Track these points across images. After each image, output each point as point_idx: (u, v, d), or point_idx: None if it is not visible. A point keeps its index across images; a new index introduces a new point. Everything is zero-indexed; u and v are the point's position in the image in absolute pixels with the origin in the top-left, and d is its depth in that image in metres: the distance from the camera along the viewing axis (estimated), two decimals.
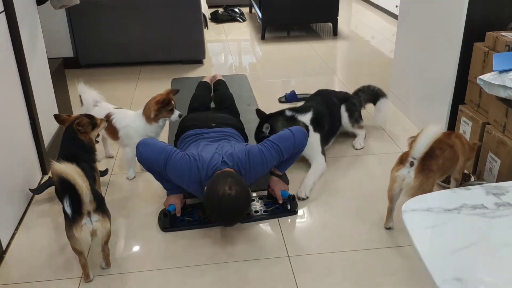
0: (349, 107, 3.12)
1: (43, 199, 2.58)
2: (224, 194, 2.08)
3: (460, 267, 1.00)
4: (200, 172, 2.25)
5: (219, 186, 2.12)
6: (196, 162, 2.27)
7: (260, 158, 2.32)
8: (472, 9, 2.65)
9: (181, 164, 2.26)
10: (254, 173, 2.34)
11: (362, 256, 2.14)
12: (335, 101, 3.11)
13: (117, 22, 4.40)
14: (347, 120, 3.09)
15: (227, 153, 2.31)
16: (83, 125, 2.31)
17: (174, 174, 2.29)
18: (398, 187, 2.15)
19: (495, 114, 2.44)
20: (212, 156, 2.29)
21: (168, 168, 2.27)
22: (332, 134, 3.04)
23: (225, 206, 2.10)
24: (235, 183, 2.13)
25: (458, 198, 1.21)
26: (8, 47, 2.45)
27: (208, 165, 2.25)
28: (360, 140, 3.10)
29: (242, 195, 2.13)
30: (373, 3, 7.02)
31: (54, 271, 2.09)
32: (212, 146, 2.40)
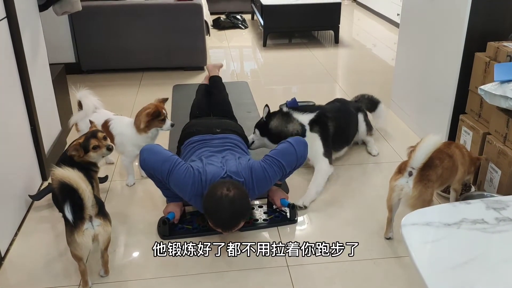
0: (365, 117, 3.16)
1: (42, 205, 2.58)
2: (222, 195, 2.08)
3: (459, 283, 1.00)
4: (203, 186, 2.22)
5: (217, 188, 2.11)
6: (200, 175, 2.24)
7: (263, 175, 2.29)
8: (473, 19, 2.65)
9: (184, 177, 2.23)
10: (258, 190, 2.32)
11: (361, 266, 2.13)
12: (352, 110, 3.11)
13: (119, 28, 4.41)
14: (365, 129, 3.11)
15: (231, 170, 2.28)
16: (76, 150, 2.28)
17: (177, 186, 2.26)
18: (396, 196, 2.15)
19: (496, 124, 2.43)
20: (216, 171, 2.26)
21: (171, 179, 2.24)
22: (345, 142, 2.98)
23: (223, 207, 2.08)
24: (234, 186, 2.12)
25: (458, 213, 1.21)
26: (10, 53, 2.46)
27: (211, 181, 2.22)
28: (374, 146, 3.13)
29: (240, 197, 2.12)
30: (375, 11, 7.03)
31: (53, 278, 2.09)
32: (217, 159, 2.37)
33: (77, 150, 2.28)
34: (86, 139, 2.31)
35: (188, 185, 2.22)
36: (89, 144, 2.30)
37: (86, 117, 2.71)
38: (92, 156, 2.33)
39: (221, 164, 2.31)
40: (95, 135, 2.33)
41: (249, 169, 2.29)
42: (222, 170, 2.26)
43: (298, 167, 2.45)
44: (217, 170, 2.26)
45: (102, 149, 2.34)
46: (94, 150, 2.31)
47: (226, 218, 2.13)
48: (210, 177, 2.23)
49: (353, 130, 3.06)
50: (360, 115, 3.13)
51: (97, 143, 2.32)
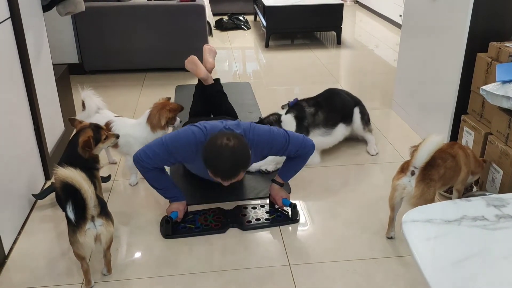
0: (362, 110, 3.18)
1: (45, 204, 2.59)
2: (222, 143, 2.07)
3: (460, 279, 1.00)
4: (205, 135, 2.21)
5: (218, 138, 2.11)
6: (199, 127, 2.25)
7: (268, 132, 2.29)
8: (475, 19, 2.65)
9: (180, 133, 2.25)
10: (259, 149, 2.30)
11: (363, 265, 2.14)
12: (342, 95, 3.16)
13: (122, 29, 4.43)
14: (359, 122, 3.12)
15: (231, 123, 2.29)
16: (89, 146, 2.29)
17: (181, 149, 2.23)
18: (399, 196, 2.15)
19: (498, 125, 2.44)
20: (216, 124, 2.28)
21: (172, 149, 2.22)
22: (336, 119, 3.01)
23: (223, 156, 2.07)
24: (234, 136, 2.12)
25: (458, 210, 1.21)
26: (14, 53, 2.47)
27: (211, 131, 2.22)
28: (373, 145, 3.13)
29: (241, 146, 2.10)
30: (377, 12, 7.03)
31: (56, 277, 2.10)
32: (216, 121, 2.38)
33: (90, 144, 2.28)
34: (96, 131, 2.33)
35: (190, 139, 2.22)
36: (100, 135, 2.34)
37: (88, 117, 2.73)
38: (100, 148, 2.36)
39: (221, 122, 2.32)
40: (99, 127, 2.37)
41: (250, 125, 2.31)
42: (222, 124, 2.29)
43: (299, 162, 2.43)
44: (217, 123, 2.28)
45: (111, 138, 2.39)
46: (104, 141, 2.35)
47: (226, 167, 2.11)
48: (209, 127, 2.24)
49: (342, 110, 3.07)
50: (356, 108, 3.15)
51: (106, 133, 2.37)
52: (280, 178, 2.51)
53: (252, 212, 2.50)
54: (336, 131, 3.02)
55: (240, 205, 2.55)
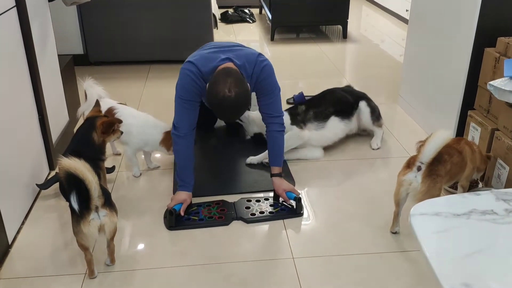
0: (370, 104, 3.16)
1: (49, 194, 2.59)
2: (224, 96, 2.14)
3: (468, 273, 0.99)
4: (202, 73, 2.32)
5: (219, 87, 2.16)
6: (189, 63, 2.36)
7: (272, 70, 2.43)
8: (483, 14, 2.63)
9: (181, 81, 2.37)
10: (264, 83, 2.42)
11: (367, 260, 2.13)
12: (339, 93, 3.19)
13: (128, 21, 4.42)
14: (368, 116, 3.11)
15: (233, 55, 2.37)
16: (110, 127, 2.32)
17: (191, 91, 2.34)
18: (404, 191, 2.14)
19: (505, 120, 2.42)
20: (211, 56, 2.37)
21: (184, 96, 2.35)
22: (327, 112, 3.03)
23: (224, 107, 2.20)
24: (235, 83, 2.17)
25: (467, 203, 1.20)
26: (19, 42, 2.46)
27: (206, 65, 2.32)
28: (377, 140, 3.12)
29: (241, 96, 2.18)
30: (383, 7, 7.00)
31: (59, 267, 2.10)
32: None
33: (113, 124, 2.34)
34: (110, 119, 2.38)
35: (189, 79, 2.33)
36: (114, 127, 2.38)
37: (90, 107, 2.72)
38: (112, 138, 2.39)
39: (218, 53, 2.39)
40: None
41: (257, 59, 2.40)
42: (222, 54, 2.37)
43: (277, 135, 2.52)
44: (213, 56, 2.36)
45: (118, 132, 2.43)
46: (114, 132, 2.39)
47: (228, 115, 2.40)
48: (200, 59, 2.35)
49: (335, 105, 3.07)
50: (362, 103, 3.13)
51: (116, 125, 2.41)
52: (275, 168, 2.50)
53: (256, 205, 2.49)
54: (330, 124, 3.00)
55: (244, 198, 2.54)
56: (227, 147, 3.12)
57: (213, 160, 2.96)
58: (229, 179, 2.77)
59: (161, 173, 2.82)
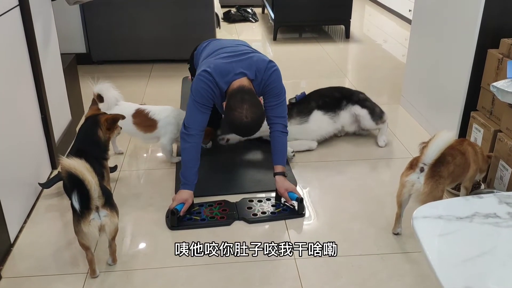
0: (365, 105, 3.11)
1: (51, 193, 2.59)
2: (242, 123, 2.32)
3: (470, 276, 0.99)
4: (213, 77, 2.43)
5: (236, 114, 2.32)
6: (205, 72, 2.43)
7: (280, 75, 2.59)
8: (487, 15, 2.62)
9: (197, 86, 2.44)
10: (271, 87, 2.54)
11: (369, 260, 2.12)
12: (326, 90, 3.24)
13: (130, 20, 4.42)
14: (369, 119, 3.08)
15: (245, 65, 2.50)
16: (113, 121, 2.34)
17: (205, 96, 2.44)
18: (407, 192, 2.13)
19: (508, 122, 2.41)
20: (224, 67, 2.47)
21: (199, 100, 2.43)
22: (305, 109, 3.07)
23: (242, 130, 2.43)
24: (251, 109, 2.32)
25: (470, 206, 1.20)
26: (22, 41, 2.46)
27: (221, 75, 2.44)
28: (383, 136, 3.12)
29: (257, 119, 2.36)
30: (386, 7, 6.98)
31: (61, 266, 2.10)
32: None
33: (117, 119, 2.37)
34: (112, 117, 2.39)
35: (205, 86, 2.43)
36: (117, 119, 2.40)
37: (108, 110, 2.70)
38: (114, 134, 2.42)
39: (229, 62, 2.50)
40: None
41: (266, 67, 2.54)
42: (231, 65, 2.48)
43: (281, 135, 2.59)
44: (226, 66, 2.47)
45: (118, 128, 2.44)
46: (116, 128, 2.42)
47: (245, 135, 2.59)
48: (215, 68, 2.44)
49: (318, 99, 3.10)
50: (355, 107, 3.08)
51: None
52: (278, 167, 2.52)
53: (258, 205, 2.49)
54: (313, 117, 3.02)
55: (246, 198, 2.54)
56: (229, 147, 3.12)
57: (215, 160, 2.96)
58: (231, 179, 2.77)
59: (163, 173, 2.83)
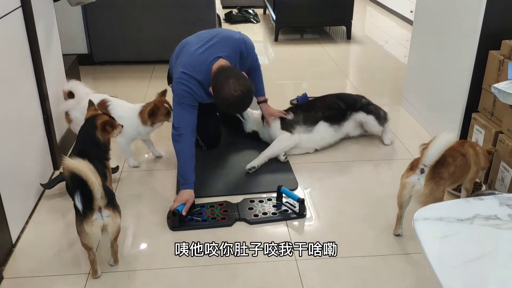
0: (369, 110, 3.14)
1: (53, 194, 2.60)
2: (233, 97, 2.35)
3: (471, 278, 0.99)
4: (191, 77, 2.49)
5: (225, 92, 2.35)
6: (181, 76, 2.49)
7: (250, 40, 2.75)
8: (488, 17, 2.62)
9: (177, 90, 2.51)
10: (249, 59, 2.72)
11: (369, 262, 2.13)
12: (332, 99, 3.21)
13: (132, 21, 4.42)
14: (376, 123, 3.12)
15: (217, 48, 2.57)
16: (110, 125, 2.34)
17: (188, 98, 2.50)
18: (407, 193, 2.14)
19: (509, 123, 2.41)
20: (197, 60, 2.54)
21: (183, 101, 2.49)
22: (317, 117, 3.05)
23: (237, 105, 2.45)
24: (237, 82, 2.35)
25: (471, 208, 1.20)
26: (24, 42, 2.47)
27: (199, 68, 2.50)
28: (387, 134, 3.17)
29: (246, 89, 2.38)
30: (388, 8, 6.99)
31: (62, 266, 2.10)
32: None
33: (112, 124, 2.36)
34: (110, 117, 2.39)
35: (184, 89, 2.48)
36: (114, 121, 2.38)
37: (78, 104, 2.72)
38: (114, 134, 2.41)
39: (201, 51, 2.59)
40: (109, 115, 2.44)
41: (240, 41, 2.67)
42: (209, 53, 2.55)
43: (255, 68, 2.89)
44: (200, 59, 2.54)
45: (119, 127, 2.44)
46: (116, 128, 2.41)
47: (242, 109, 2.76)
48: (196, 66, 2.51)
49: (325, 110, 3.08)
50: (360, 114, 3.11)
51: (116, 122, 2.43)
52: (260, 98, 2.96)
53: (259, 205, 2.49)
54: (318, 128, 3.02)
55: (247, 199, 2.55)
56: (230, 148, 3.12)
57: (216, 161, 2.97)
58: (232, 180, 2.78)
59: (164, 173, 2.83)
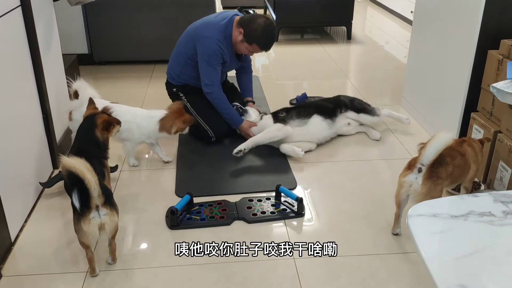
0: (355, 107, 3.28)
1: (52, 193, 2.60)
2: (267, 22, 2.93)
3: (464, 274, 0.99)
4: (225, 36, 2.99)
5: (258, 21, 2.93)
6: (210, 38, 2.99)
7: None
8: (487, 16, 2.62)
9: (207, 49, 2.99)
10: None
11: (368, 261, 2.13)
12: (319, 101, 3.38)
13: (132, 20, 4.44)
14: (368, 117, 3.26)
15: (227, 16, 3.08)
16: (110, 124, 2.34)
17: (214, 54, 2.97)
18: (405, 192, 2.14)
19: (508, 123, 2.41)
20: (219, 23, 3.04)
21: (212, 60, 3.00)
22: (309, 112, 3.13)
23: (272, 29, 3.03)
24: (263, 15, 2.97)
25: (465, 205, 1.20)
26: (24, 41, 2.48)
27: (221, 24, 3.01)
28: (400, 115, 3.35)
29: (273, 20, 2.97)
30: (388, 8, 6.99)
31: (61, 265, 2.11)
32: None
33: (111, 123, 2.35)
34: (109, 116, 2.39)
35: (214, 45, 2.98)
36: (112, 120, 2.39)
37: (81, 106, 2.73)
38: (113, 133, 2.41)
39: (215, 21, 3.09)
40: (107, 113, 2.45)
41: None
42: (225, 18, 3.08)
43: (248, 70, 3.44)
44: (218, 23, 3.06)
45: (118, 125, 2.44)
46: (115, 126, 2.41)
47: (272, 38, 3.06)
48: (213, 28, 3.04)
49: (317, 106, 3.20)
50: (350, 113, 3.24)
51: (115, 120, 2.42)
52: (249, 98, 3.33)
53: (257, 204, 2.50)
54: (312, 120, 3.07)
55: (245, 198, 2.55)
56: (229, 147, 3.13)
57: (215, 160, 2.97)
58: (231, 179, 2.78)
59: (163, 172, 2.84)
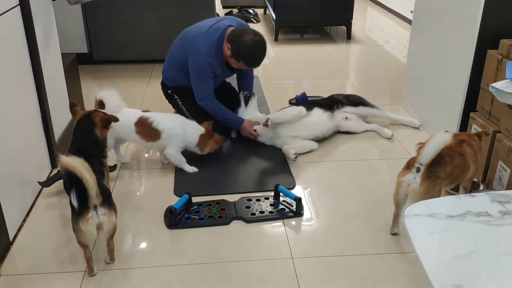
0: (352, 102, 3.38)
1: (51, 192, 2.60)
2: (255, 40, 2.78)
3: (461, 274, 0.99)
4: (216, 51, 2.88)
5: (246, 38, 2.77)
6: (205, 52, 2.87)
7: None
8: (486, 16, 2.62)
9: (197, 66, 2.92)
10: None
11: (366, 261, 2.13)
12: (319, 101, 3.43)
13: (132, 20, 4.43)
14: (367, 109, 3.37)
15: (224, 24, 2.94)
16: (108, 122, 2.34)
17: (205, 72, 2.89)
18: (403, 192, 2.14)
19: (507, 123, 2.41)
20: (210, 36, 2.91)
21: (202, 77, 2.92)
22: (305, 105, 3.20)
23: (261, 48, 2.85)
24: (252, 30, 2.82)
25: (462, 205, 1.20)
26: (23, 41, 2.48)
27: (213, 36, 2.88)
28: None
29: (263, 39, 2.83)
30: (388, 8, 6.98)
31: (59, 264, 2.11)
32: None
33: (110, 120, 2.36)
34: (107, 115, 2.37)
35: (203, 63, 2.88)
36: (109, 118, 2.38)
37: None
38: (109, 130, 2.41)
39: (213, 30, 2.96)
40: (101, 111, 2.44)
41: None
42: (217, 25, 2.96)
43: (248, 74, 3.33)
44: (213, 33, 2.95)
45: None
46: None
47: (261, 55, 2.90)
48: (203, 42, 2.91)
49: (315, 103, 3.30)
50: (348, 108, 3.34)
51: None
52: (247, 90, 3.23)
53: (256, 204, 2.50)
54: (314, 112, 3.15)
55: (244, 197, 2.55)
56: (226, 147, 3.13)
57: (214, 160, 2.97)
58: (230, 178, 2.78)
59: (162, 172, 2.84)
